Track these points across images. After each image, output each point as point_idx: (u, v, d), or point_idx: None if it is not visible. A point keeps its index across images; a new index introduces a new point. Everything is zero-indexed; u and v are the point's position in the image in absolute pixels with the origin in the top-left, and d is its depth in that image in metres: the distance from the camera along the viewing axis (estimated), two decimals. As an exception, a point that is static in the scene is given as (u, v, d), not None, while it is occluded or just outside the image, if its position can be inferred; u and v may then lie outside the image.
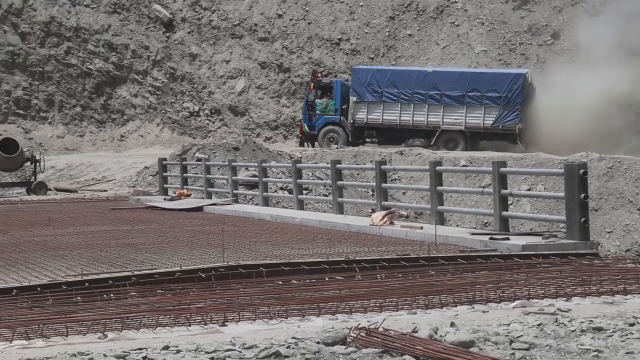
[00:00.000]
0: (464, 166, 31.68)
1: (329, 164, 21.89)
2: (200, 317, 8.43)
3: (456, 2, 50.49)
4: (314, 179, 28.56)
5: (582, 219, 13.26)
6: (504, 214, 15.11)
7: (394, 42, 50.33)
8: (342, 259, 12.01)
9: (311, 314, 8.63)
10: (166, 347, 6.98)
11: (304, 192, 25.49)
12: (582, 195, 13.31)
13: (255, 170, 25.12)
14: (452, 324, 7.72)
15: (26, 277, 11.35)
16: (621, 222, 27.40)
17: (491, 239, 13.61)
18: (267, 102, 49.98)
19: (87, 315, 8.63)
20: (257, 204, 24.10)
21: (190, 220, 20.24)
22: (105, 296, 9.86)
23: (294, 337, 7.27)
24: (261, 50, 51.13)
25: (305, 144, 42.09)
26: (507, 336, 7.23)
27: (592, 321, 7.81)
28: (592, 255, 12.49)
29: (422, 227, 15.79)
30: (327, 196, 24.99)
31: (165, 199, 25.95)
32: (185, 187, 27.78)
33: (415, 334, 7.18)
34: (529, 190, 29.28)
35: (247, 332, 7.78)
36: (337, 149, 39.05)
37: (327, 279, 10.80)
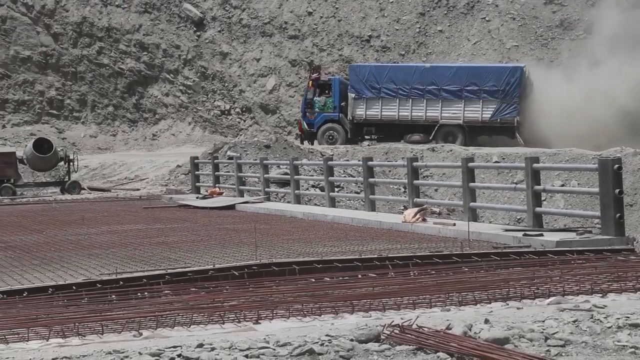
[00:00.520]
0: (497, 162, 31.55)
1: (360, 161, 21.86)
2: (233, 315, 8.45)
3: (487, -3, 50.26)
4: (345, 177, 28.55)
5: (617, 215, 13.14)
6: (538, 210, 15.01)
7: (425, 38, 50.17)
8: (375, 256, 11.99)
9: (344, 311, 8.62)
10: (200, 345, 7.00)
11: (336, 189, 25.49)
12: (617, 190, 13.20)
13: (286, 168, 25.15)
14: (486, 321, 7.67)
15: (61, 275, 11.44)
16: (656, 218, 27.14)
17: (525, 235, 13.53)
18: (297, 100, 50.02)
19: (121, 313, 8.68)
20: (289, 202, 24.12)
21: (222, 218, 20.30)
22: (139, 294, 9.91)
23: (327, 335, 7.26)
24: (291, 48, 51.19)
25: (304, 142, 42.25)
26: (542, 333, 7.17)
27: (628, 317, 7.73)
28: (628, 251, 12.36)
29: (454, 224, 15.72)
30: (358, 193, 24.98)
31: (197, 198, 26.05)
32: (217, 185, 27.87)
33: (449, 331, 7.14)
34: (563, 185, 29.10)
35: (280, 330, 7.78)
36: (368, 145, 39.03)
37: (360, 276, 10.79)
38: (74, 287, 10.27)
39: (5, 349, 7.47)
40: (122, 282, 10.46)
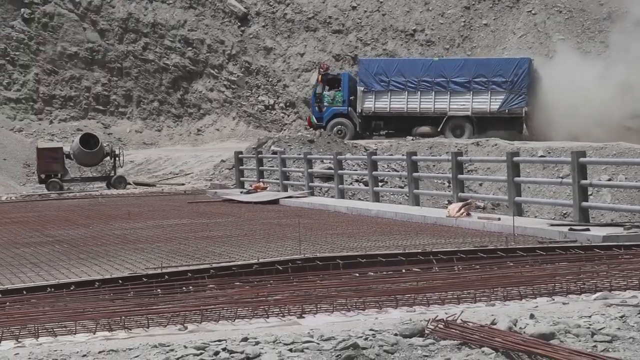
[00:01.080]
0: (542, 156, 31.27)
1: (404, 155, 21.80)
2: (278, 309, 8.47)
3: (533, -10, 49.80)
4: (389, 171, 28.50)
5: (665, 209, 12.97)
6: (584, 204, 14.86)
7: (469, 32, 49.85)
8: (419, 250, 11.96)
9: (388, 305, 8.61)
10: (245, 339, 7.03)
11: (380, 184, 25.45)
12: (665, 184, 13.02)
13: (330, 162, 25.16)
14: (532, 316, 7.61)
15: (108, 269, 11.56)
16: None
17: (571, 229, 13.40)
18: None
19: (167, 307, 8.74)
20: (332, 197, 24.13)
21: (266, 213, 20.36)
22: (184, 288, 9.98)
23: (371, 329, 7.25)
24: (335, 42, 51.15)
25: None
26: (589, 328, 7.10)
27: (676, 313, 7.63)
28: (676, 246, 12.19)
29: (499, 219, 15.62)
30: (402, 188, 24.91)
31: (241, 192, 26.16)
32: (261, 180, 27.96)
33: (494, 326, 7.10)
34: (610, 180, 28.76)
35: (324, 324, 7.79)
36: (412, 140, 38.96)
37: (403, 270, 10.76)
38: (120, 281, 10.37)
39: (53, 341, 7.57)
40: (167, 276, 10.54)
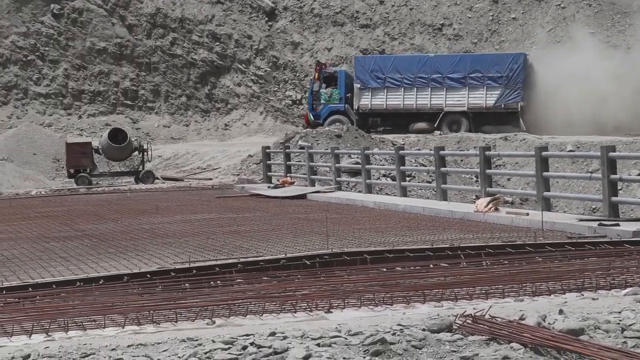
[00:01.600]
0: (571, 151, 31.07)
1: (432, 150, 21.73)
2: (305, 304, 8.48)
3: (562, -17, 49.44)
4: (417, 166, 28.42)
5: (696, 204, 12.84)
6: (614, 199, 14.75)
7: (498, 26, 49.58)
8: (447, 245, 11.92)
9: (416, 301, 8.59)
10: (273, 334, 7.04)
11: (407, 179, 25.39)
12: (696, 179, 12.89)
13: (358, 157, 25.12)
14: (561, 312, 7.56)
15: (136, 264, 11.62)
16: None
17: (600, 225, 13.30)
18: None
19: (195, 301, 8.78)
20: (360, 191, 24.11)
21: (294, 207, 20.38)
22: (212, 283, 10.01)
23: (399, 324, 7.23)
24: (363, 37, 51.06)
25: None
26: (619, 324, 7.04)
27: None
28: None
29: (527, 214, 15.54)
30: (430, 183, 24.84)
31: (269, 187, 26.19)
32: (288, 174, 27.98)
33: (522, 321, 7.07)
34: None
35: (352, 319, 7.79)
36: (440, 135, 38.84)
37: (431, 265, 10.74)
38: (149, 276, 10.42)
39: (82, 335, 7.62)
40: (195, 271, 10.58)
